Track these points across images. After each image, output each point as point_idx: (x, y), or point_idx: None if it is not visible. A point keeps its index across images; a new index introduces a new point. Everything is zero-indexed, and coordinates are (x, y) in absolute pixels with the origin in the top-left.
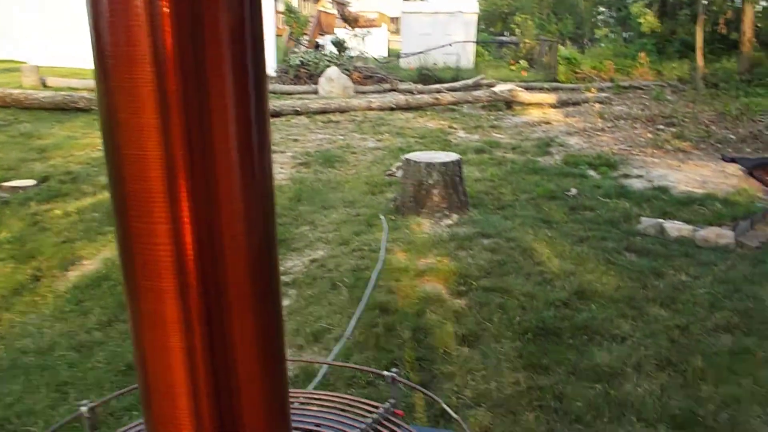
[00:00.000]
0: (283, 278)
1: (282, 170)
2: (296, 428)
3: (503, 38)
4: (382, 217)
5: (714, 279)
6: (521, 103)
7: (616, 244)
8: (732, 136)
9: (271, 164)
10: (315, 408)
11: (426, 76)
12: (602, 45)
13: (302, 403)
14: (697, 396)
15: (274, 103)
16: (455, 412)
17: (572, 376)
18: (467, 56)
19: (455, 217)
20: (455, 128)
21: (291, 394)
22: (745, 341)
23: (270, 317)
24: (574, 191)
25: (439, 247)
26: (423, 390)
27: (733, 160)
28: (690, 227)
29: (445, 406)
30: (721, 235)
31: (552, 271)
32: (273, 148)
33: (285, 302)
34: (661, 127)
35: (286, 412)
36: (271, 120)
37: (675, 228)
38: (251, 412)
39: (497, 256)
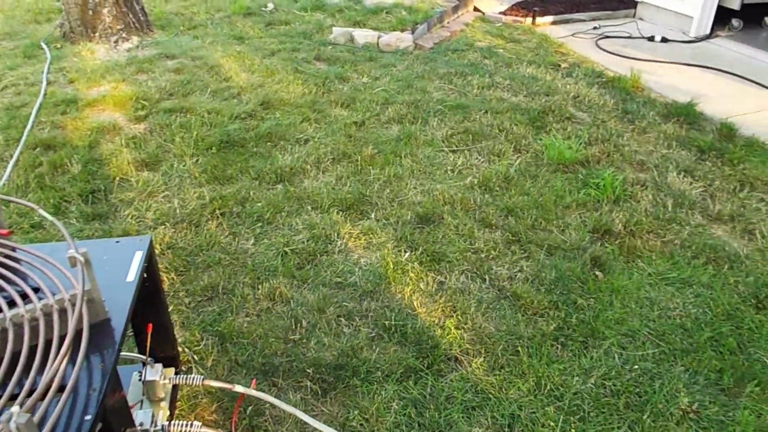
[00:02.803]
0: None
1: None
2: None
3: None
4: (44, 45)
5: (391, 78)
6: None
7: (307, 54)
8: None
9: None
10: None
11: None
12: None
13: None
14: (366, 180)
15: None
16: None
17: (255, 181)
18: None
19: (135, 39)
20: None
21: None
22: (410, 129)
23: None
24: (271, 6)
25: (115, 72)
26: (13, 200)
27: None
28: (376, 34)
29: (40, 210)
30: (401, 39)
31: (239, 86)
32: None
33: None
34: None
35: None
36: None
37: (362, 35)
38: None
39: (181, 77)
